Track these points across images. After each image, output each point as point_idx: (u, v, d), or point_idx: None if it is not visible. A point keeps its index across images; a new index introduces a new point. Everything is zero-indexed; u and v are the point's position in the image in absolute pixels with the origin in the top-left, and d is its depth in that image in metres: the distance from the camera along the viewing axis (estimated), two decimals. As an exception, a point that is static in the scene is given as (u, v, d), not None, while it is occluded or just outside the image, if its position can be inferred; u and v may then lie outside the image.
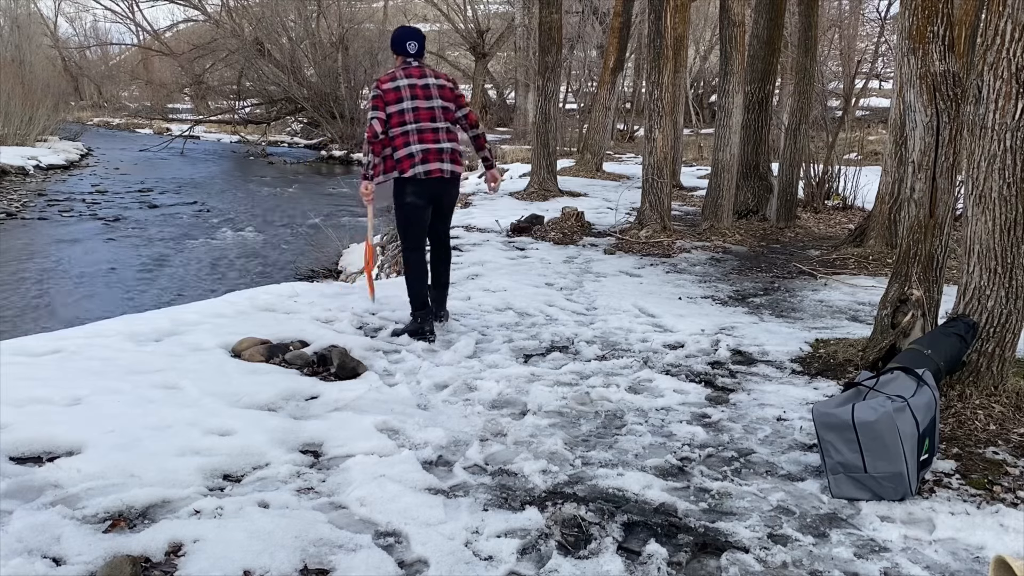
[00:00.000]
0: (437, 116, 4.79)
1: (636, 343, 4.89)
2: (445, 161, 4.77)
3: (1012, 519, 2.77)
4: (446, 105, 4.84)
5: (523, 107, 24.25)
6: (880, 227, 7.59)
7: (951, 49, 4.09)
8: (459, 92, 4.95)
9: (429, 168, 4.73)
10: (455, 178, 4.88)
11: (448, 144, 4.80)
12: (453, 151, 4.80)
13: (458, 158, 4.85)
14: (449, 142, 4.81)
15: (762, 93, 9.48)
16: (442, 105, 4.82)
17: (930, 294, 4.19)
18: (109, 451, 2.95)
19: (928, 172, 4.09)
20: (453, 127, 4.88)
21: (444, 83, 4.88)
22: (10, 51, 29.02)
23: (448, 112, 4.84)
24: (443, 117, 4.82)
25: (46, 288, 9.06)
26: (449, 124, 4.84)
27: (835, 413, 2.96)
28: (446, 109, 4.84)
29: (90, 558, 2.32)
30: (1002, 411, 3.59)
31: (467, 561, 2.46)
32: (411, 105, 4.73)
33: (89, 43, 42.75)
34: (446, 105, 4.84)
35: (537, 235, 8.62)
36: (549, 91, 11.46)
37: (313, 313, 5.08)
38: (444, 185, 4.84)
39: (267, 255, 11.33)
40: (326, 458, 3.15)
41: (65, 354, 4.01)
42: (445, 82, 4.89)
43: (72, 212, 13.85)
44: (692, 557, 2.55)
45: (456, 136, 4.89)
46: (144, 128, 34.06)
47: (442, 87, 4.85)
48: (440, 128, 4.79)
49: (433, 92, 4.81)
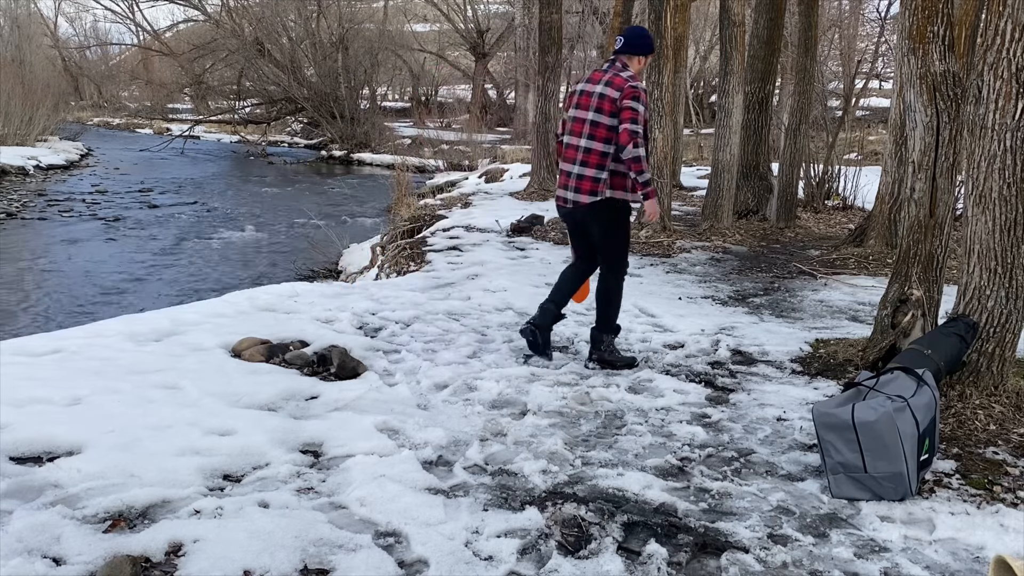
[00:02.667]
0: (584, 132, 4.21)
1: (636, 343, 4.89)
2: (569, 189, 4.26)
3: (1012, 519, 2.77)
4: (597, 120, 4.16)
5: (523, 107, 24.29)
6: (880, 227, 7.59)
7: (951, 49, 4.09)
8: (626, 104, 4.07)
9: (557, 194, 4.38)
10: (578, 208, 4.26)
11: (578, 168, 4.21)
12: (581, 177, 4.19)
13: (586, 185, 4.18)
14: (582, 165, 4.20)
15: (762, 93, 9.49)
16: (593, 119, 4.17)
17: (930, 294, 4.19)
18: (109, 451, 2.94)
19: (928, 172, 4.09)
20: (603, 147, 4.16)
21: (608, 92, 4.15)
22: (10, 51, 29.01)
23: (598, 128, 4.16)
24: (591, 134, 4.18)
25: (46, 288, 9.06)
26: (595, 144, 4.17)
27: (835, 413, 2.96)
28: (596, 124, 4.16)
29: (90, 558, 2.32)
30: (1002, 411, 3.59)
31: (467, 561, 2.46)
32: (572, 114, 4.28)
33: (89, 43, 42.77)
34: (597, 120, 4.16)
35: (537, 235, 8.62)
36: (549, 91, 11.47)
37: (313, 313, 5.08)
38: (571, 215, 4.36)
39: (267, 255, 11.34)
40: (326, 458, 3.15)
41: (65, 354, 4.01)
42: (612, 91, 4.13)
43: (72, 212, 13.86)
44: (692, 557, 2.55)
45: (595, 159, 4.17)
46: (144, 128, 34.05)
47: (603, 97, 4.15)
48: (580, 147, 4.21)
49: (593, 102, 4.19)
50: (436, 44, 34.72)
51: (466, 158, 20.65)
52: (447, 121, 30.38)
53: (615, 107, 4.11)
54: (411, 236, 9.24)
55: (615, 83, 4.14)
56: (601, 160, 4.17)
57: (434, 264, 7.15)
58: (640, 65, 4.32)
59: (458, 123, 28.90)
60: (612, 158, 4.17)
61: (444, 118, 31.05)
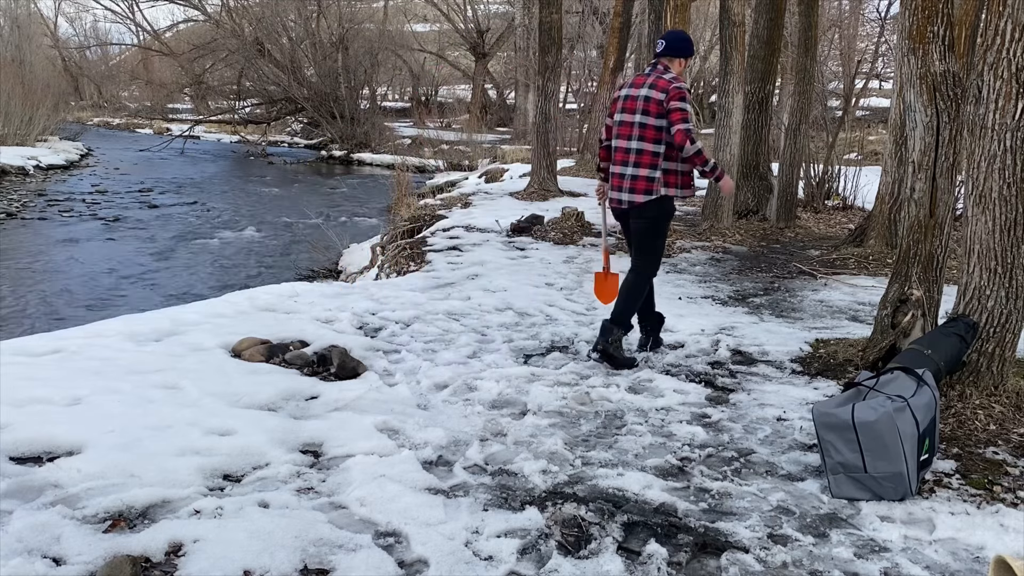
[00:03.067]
0: (633, 134, 4.32)
1: (636, 343, 4.88)
2: (623, 190, 4.37)
3: (1012, 519, 2.77)
4: (645, 121, 4.27)
5: (523, 107, 24.27)
6: (880, 227, 7.60)
7: (951, 49, 4.09)
8: (673, 106, 4.19)
9: (611, 196, 4.50)
10: (632, 208, 4.38)
11: (631, 169, 4.32)
12: (635, 178, 4.30)
13: (641, 184, 4.30)
14: (633, 167, 4.31)
15: (762, 93, 9.49)
16: (641, 122, 4.29)
17: (930, 294, 4.19)
18: (109, 451, 2.94)
19: (928, 172, 4.09)
20: (653, 147, 4.28)
21: (654, 95, 4.25)
22: (10, 51, 29.01)
23: (646, 130, 4.27)
24: (640, 136, 4.29)
25: (46, 288, 9.06)
26: (646, 145, 4.28)
27: (835, 413, 2.96)
28: (644, 126, 4.28)
29: (90, 558, 2.32)
30: (1002, 411, 3.59)
31: (467, 561, 2.46)
32: (619, 119, 4.41)
33: (89, 43, 42.78)
34: (645, 121, 4.27)
35: (537, 235, 8.61)
36: (549, 91, 11.46)
37: (313, 313, 5.08)
38: (624, 216, 4.51)
39: (267, 255, 11.34)
40: (326, 458, 3.15)
41: (65, 354, 4.01)
42: (657, 93, 4.24)
43: (72, 212, 13.86)
44: (692, 557, 2.55)
45: (648, 159, 4.29)
46: (144, 128, 34.06)
47: (648, 100, 4.27)
48: (631, 149, 4.33)
49: (639, 106, 4.30)
50: (436, 44, 34.73)
51: (466, 158, 20.65)
52: (447, 121, 30.40)
53: (661, 108, 4.24)
54: (411, 236, 9.24)
55: (659, 85, 4.27)
56: (653, 160, 4.30)
57: (434, 264, 7.15)
58: (681, 67, 4.45)
59: (458, 123, 28.92)
60: (663, 157, 4.30)
61: (444, 118, 31.07)
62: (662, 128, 4.26)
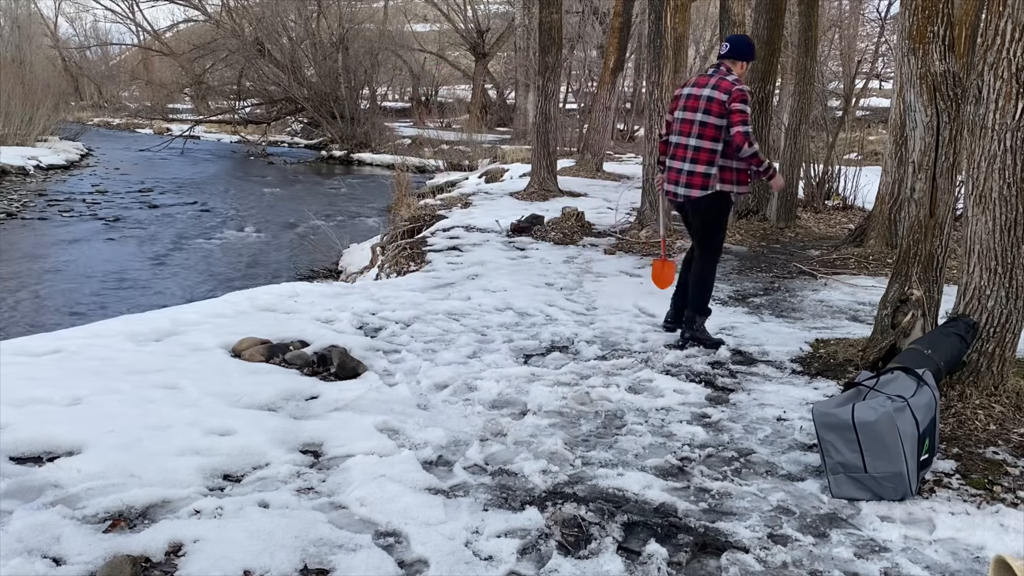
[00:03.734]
0: (693, 132, 4.55)
1: (636, 343, 4.89)
2: (679, 184, 4.62)
3: (1012, 519, 2.77)
4: (706, 120, 4.50)
5: (523, 107, 24.25)
6: (880, 227, 7.59)
7: (951, 49, 4.09)
8: (735, 107, 4.41)
9: (666, 188, 4.78)
10: (688, 201, 4.63)
11: (688, 165, 4.56)
12: (690, 173, 4.54)
13: (697, 180, 4.53)
14: (691, 163, 4.55)
15: (762, 93, 9.47)
16: (702, 120, 4.51)
17: (930, 294, 4.19)
18: (109, 451, 2.95)
19: (928, 172, 4.09)
20: (711, 144, 4.51)
21: (716, 96, 4.47)
22: (10, 51, 28.98)
23: (707, 128, 4.50)
24: (700, 133, 4.52)
25: (46, 288, 9.06)
26: (704, 143, 4.51)
27: (835, 413, 2.96)
28: (704, 125, 4.50)
29: (90, 558, 2.32)
30: (1002, 411, 3.59)
31: (467, 561, 2.46)
32: (680, 116, 4.63)
33: (89, 43, 42.75)
34: (706, 120, 4.50)
35: (537, 235, 8.61)
36: (549, 91, 11.46)
37: (313, 313, 5.08)
38: (681, 208, 4.77)
39: (267, 255, 11.34)
40: (326, 458, 3.15)
41: (65, 354, 4.01)
42: (720, 94, 4.46)
43: (72, 212, 13.86)
44: (692, 557, 2.55)
45: (705, 156, 4.52)
46: (144, 128, 34.04)
47: (711, 100, 4.49)
48: (690, 146, 4.56)
49: (701, 104, 4.52)
50: (436, 44, 34.72)
51: (466, 158, 20.64)
52: (447, 121, 30.38)
53: (723, 109, 4.45)
54: (411, 236, 9.24)
55: (722, 86, 4.47)
56: (711, 157, 4.53)
57: (434, 264, 7.15)
58: (742, 70, 4.64)
59: (458, 123, 28.89)
60: (720, 155, 4.53)
61: (444, 118, 31.05)
62: (721, 127, 4.48)
